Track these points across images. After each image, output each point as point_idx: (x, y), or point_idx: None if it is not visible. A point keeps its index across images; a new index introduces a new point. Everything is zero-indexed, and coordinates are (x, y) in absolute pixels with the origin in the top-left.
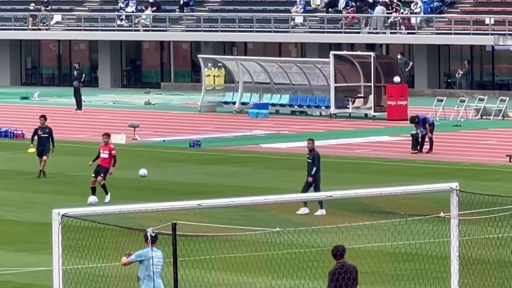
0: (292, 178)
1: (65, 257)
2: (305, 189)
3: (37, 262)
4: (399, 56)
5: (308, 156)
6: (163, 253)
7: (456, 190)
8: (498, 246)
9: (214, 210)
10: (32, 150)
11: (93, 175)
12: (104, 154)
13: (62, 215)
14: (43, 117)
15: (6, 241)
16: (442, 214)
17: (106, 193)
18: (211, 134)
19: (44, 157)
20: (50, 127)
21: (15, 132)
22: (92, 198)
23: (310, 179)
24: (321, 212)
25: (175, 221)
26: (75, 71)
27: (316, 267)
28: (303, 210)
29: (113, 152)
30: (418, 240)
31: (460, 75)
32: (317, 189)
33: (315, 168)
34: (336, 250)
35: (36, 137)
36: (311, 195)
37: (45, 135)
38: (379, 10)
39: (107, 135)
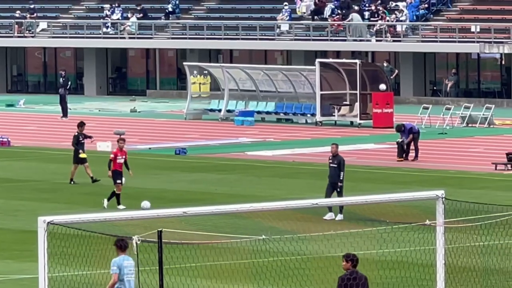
0: (278, 186)
1: (51, 265)
2: (328, 194)
3: (22, 270)
4: (385, 64)
5: (331, 160)
6: (134, 261)
7: (442, 198)
8: (484, 254)
9: (200, 218)
10: (84, 155)
11: (119, 181)
12: (122, 159)
13: (48, 222)
14: (82, 124)
15: None
16: (428, 222)
17: (108, 200)
18: (196, 142)
19: (86, 164)
20: (89, 135)
21: (0, 139)
22: (145, 203)
23: (340, 184)
24: (340, 216)
25: (160, 229)
26: (61, 79)
27: (302, 275)
28: (329, 216)
29: (126, 156)
30: (404, 248)
31: (449, 84)
32: (340, 194)
33: (342, 173)
34: (352, 256)
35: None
36: (299, 202)
37: (83, 141)
38: (355, 17)
39: (123, 140)
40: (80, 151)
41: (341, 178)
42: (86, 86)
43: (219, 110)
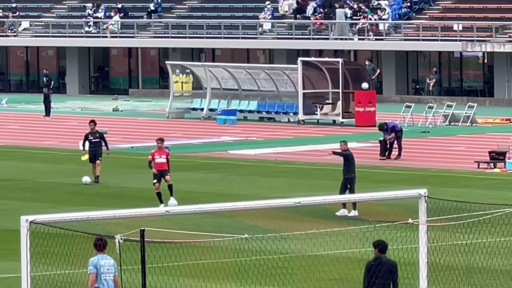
0: (260, 185)
1: (34, 264)
2: (342, 190)
3: (5, 269)
4: (367, 63)
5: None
6: (116, 260)
7: (425, 197)
8: (467, 252)
9: (182, 217)
10: (86, 157)
11: (154, 181)
12: (162, 159)
13: (30, 221)
14: (93, 122)
15: None
16: (410, 221)
17: (171, 192)
18: (179, 141)
19: (98, 161)
20: (100, 131)
21: None
22: (86, 178)
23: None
24: (354, 213)
25: (143, 228)
26: (45, 78)
27: (285, 274)
28: (342, 212)
29: (168, 156)
30: None
31: (431, 83)
32: (352, 190)
33: (353, 170)
34: (378, 242)
35: (87, 143)
36: (282, 201)
37: (96, 139)
38: (340, 13)
39: (162, 140)
40: (83, 152)
41: (353, 175)
42: (68, 85)
43: (202, 109)
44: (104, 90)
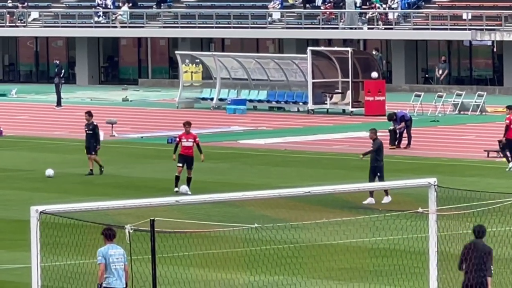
0: (270, 174)
1: (43, 254)
2: (371, 178)
3: (14, 260)
4: (374, 52)
5: (372, 145)
6: (126, 250)
7: (434, 186)
8: None
9: (192, 207)
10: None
11: (179, 164)
12: (188, 142)
13: (40, 212)
14: (88, 113)
15: None
16: (420, 210)
17: (188, 185)
18: None
19: (89, 156)
20: (95, 124)
21: None
22: (49, 171)
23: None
24: (387, 199)
25: (153, 218)
26: (56, 68)
27: (295, 263)
28: (369, 201)
29: (197, 139)
30: (396, 235)
31: (442, 73)
32: (381, 178)
33: (381, 155)
34: (477, 227)
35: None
36: (291, 191)
37: (89, 131)
38: (350, 2)
39: (189, 124)
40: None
41: (380, 160)
42: (78, 75)
43: (211, 99)
44: (113, 80)
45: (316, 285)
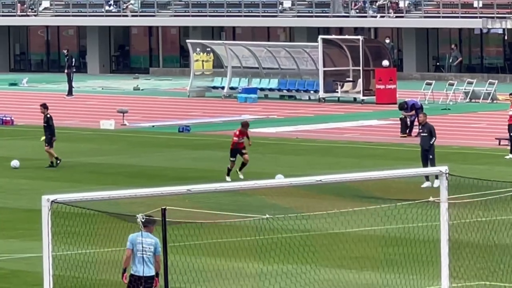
0: (281, 163)
1: (55, 243)
2: (424, 162)
3: (26, 249)
4: (387, 41)
5: (421, 130)
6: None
7: (446, 174)
8: (488, 229)
9: (204, 195)
10: (42, 138)
11: (233, 158)
12: (241, 140)
13: (52, 201)
14: (43, 105)
15: None
16: (431, 199)
17: (240, 169)
18: (200, 119)
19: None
20: (48, 116)
21: (4, 118)
22: (15, 162)
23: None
24: (427, 184)
25: (164, 207)
26: (66, 58)
27: (306, 252)
28: (426, 184)
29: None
30: (408, 224)
31: (455, 61)
32: (432, 162)
33: (433, 138)
34: None
35: None
36: (303, 179)
37: (44, 124)
38: None
39: (247, 125)
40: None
41: (431, 143)
42: (89, 64)
43: (222, 88)
44: (124, 69)
45: (328, 274)
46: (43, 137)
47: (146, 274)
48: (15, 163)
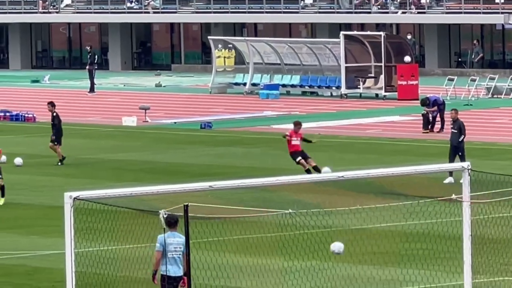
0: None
1: (77, 240)
2: (451, 158)
3: (48, 246)
4: (409, 37)
5: (452, 126)
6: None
7: (468, 170)
8: (510, 225)
9: (226, 192)
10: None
11: (298, 159)
12: (297, 141)
13: (74, 198)
14: (49, 103)
15: (17, 225)
16: (454, 197)
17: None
18: (222, 116)
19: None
20: (54, 115)
21: (26, 115)
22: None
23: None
24: (449, 179)
25: (187, 203)
26: (88, 54)
27: (329, 249)
28: (449, 180)
29: (302, 135)
30: (430, 220)
31: (477, 56)
32: (463, 159)
33: (462, 136)
34: None
35: None
36: (325, 175)
37: (51, 122)
38: None
39: (300, 124)
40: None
41: (460, 141)
42: (110, 61)
43: (244, 84)
44: (146, 66)
45: (350, 270)
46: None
47: (178, 274)
48: (18, 161)
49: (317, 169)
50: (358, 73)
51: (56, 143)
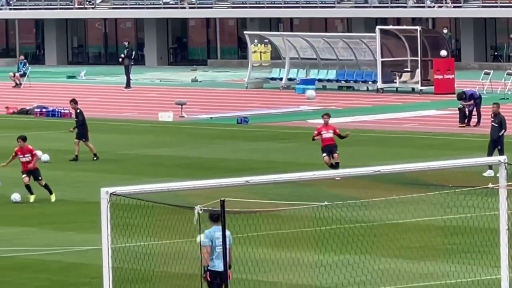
0: (340, 153)
1: (114, 236)
2: (490, 151)
3: (84, 241)
4: (445, 31)
5: (492, 119)
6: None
7: (505, 163)
8: None
9: (262, 187)
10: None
11: (324, 154)
12: (328, 134)
13: (111, 193)
14: (71, 101)
15: (54, 221)
16: (490, 185)
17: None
18: (258, 111)
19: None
20: (77, 111)
21: (62, 111)
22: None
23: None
24: (490, 172)
25: (223, 198)
26: (125, 50)
27: (366, 242)
28: (488, 173)
29: (337, 130)
30: (467, 213)
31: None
32: (501, 152)
33: (503, 130)
34: None
35: None
36: (362, 170)
37: (75, 119)
38: None
39: (328, 116)
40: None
41: (501, 135)
42: (147, 56)
43: (280, 79)
44: (182, 61)
45: (387, 264)
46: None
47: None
48: (45, 157)
49: (332, 166)
50: (394, 67)
51: (83, 139)
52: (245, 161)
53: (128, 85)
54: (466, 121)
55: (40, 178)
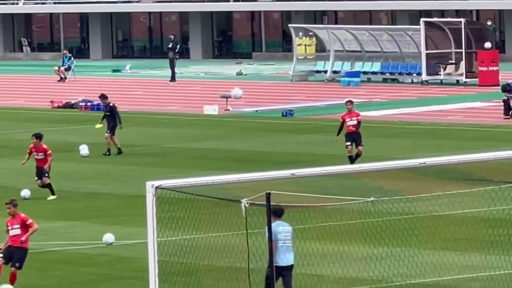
0: (385, 146)
1: (159, 229)
2: None
3: (131, 235)
4: (489, 23)
5: None
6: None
7: None
8: None
9: (308, 179)
10: (98, 125)
11: (348, 143)
12: (352, 121)
13: (156, 187)
14: (100, 96)
15: (100, 215)
16: None
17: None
18: (303, 103)
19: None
20: (110, 105)
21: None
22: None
23: None
24: None
25: (269, 191)
26: (171, 43)
27: (411, 235)
28: None
29: (359, 117)
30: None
31: None
32: None
33: None
34: None
35: None
36: (407, 162)
37: (106, 113)
38: None
39: (351, 103)
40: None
41: None
42: (191, 50)
43: (325, 71)
44: (227, 54)
45: (432, 256)
46: (99, 125)
47: (290, 263)
48: (84, 150)
49: (351, 159)
50: (438, 59)
51: (112, 133)
52: (290, 154)
53: (173, 78)
54: (510, 113)
55: (46, 175)
